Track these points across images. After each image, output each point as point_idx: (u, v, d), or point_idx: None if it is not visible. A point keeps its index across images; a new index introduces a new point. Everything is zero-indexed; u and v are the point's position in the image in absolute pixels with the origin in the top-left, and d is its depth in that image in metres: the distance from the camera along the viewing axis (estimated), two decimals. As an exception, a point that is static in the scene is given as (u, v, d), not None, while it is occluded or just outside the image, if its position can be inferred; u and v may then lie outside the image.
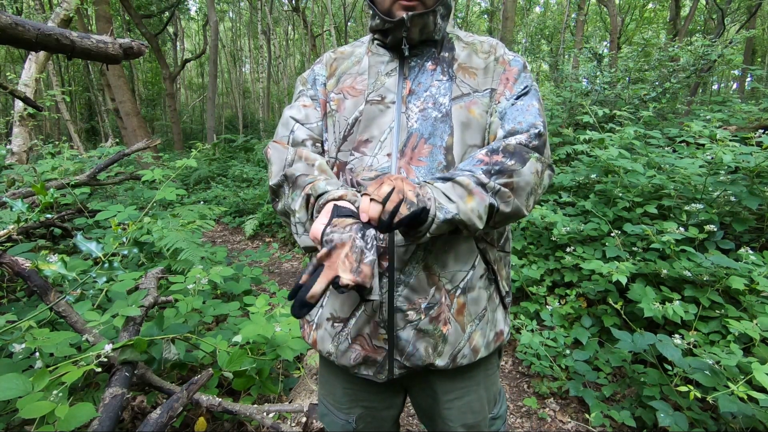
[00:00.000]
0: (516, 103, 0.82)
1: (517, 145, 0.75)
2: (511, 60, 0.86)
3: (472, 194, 0.70)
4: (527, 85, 0.84)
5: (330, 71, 0.93)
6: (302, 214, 0.78)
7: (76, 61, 11.30)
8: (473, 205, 0.70)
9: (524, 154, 0.75)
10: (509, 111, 0.81)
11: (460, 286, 0.82)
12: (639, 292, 2.01)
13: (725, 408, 1.42)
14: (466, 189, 0.70)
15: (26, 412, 0.92)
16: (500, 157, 0.74)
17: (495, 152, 0.75)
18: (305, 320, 0.94)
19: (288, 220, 0.85)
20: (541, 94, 0.82)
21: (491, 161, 0.74)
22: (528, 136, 0.77)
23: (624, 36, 16.58)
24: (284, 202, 0.84)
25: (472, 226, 0.71)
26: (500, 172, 0.73)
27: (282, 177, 0.83)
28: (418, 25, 0.82)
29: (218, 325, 2.34)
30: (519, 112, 0.80)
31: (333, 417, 0.95)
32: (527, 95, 0.83)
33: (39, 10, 6.30)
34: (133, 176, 3.74)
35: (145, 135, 8.39)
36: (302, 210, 0.77)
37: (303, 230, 0.80)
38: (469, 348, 0.84)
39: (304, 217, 0.77)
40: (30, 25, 1.22)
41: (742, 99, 5.91)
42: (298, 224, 0.81)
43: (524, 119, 0.79)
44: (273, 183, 0.84)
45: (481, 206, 0.71)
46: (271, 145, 0.89)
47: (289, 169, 0.82)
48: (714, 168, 2.42)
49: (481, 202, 0.71)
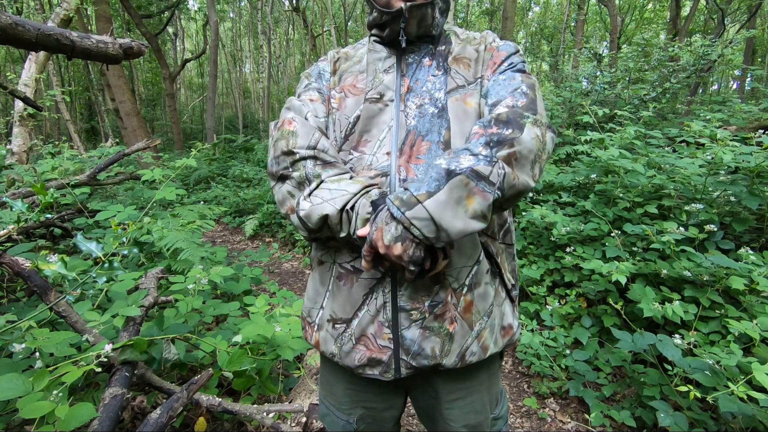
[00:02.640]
0: (497, 78, 0.81)
1: (509, 111, 0.71)
2: (500, 46, 0.86)
3: (472, 195, 0.65)
4: (512, 62, 0.83)
5: (333, 68, 0.92)
6: (354, 187, 0.75)
7: (76, 61, 11.29)
8: (475, 207, 0.65)
9: (519, 120, 0.69)
10: (492, 86, 0.81)
11: (466, 283, 0.80)
12: (639, 292, 2.01)
13: (725, 408, 1.42)
14: (466, 189, 0.65)
15: (26, 412, 0.92)
16: (495, 128, 0.68)
17: (488, 125, 0.70)
18: (306, 321, 0.93)
19: (293, 186, 0.79)
20: (540, 92, 0.81)
21: (486, 133, 0.69)
22: (512, 97, 0.75)
23: (624, 36, 16.57)
24: (306, 172, 0.78)
25: (475, 230, 0.67)
26: (499, 143, 0.67)
27: (313, 152, 0.79)
28: (416, 17, 0.81)
29: (218, 325, 2.34)
30: (501, 86, 0.79)
31: (334, 417, 0.95)
32: (509, 68, 0.82)
33: (39, 10, 6.30)
34: (133, 176, 3.74)
35: (145, 135, 8.39)
36: (356, 185, 0.76)
37: (333, 197, 0.75)
38: (478, 345, 0.83)
39: (353, 190, 0.75)
40: (30, 25, 1.22)
41: (742, 99, 5.90)
42: (324, 191, 0.76)
43: (505, 89, 0.78)
44: (301, 153, 0.78)
45: (484, 205, 0.65)
46: (293, 116, 0.83)
47: (321, 153, 0.79)
48: (714, 168, 2.41)
49: (483, 201, 0.65)
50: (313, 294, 0.92)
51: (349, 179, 0.78)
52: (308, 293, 0.94)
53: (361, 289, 0.81)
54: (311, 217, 0.75)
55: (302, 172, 0.78)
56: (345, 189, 0.75)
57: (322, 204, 0.75)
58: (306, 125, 0.82)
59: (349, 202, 0.75)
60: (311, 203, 0.76)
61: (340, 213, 0.75)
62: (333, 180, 0.78)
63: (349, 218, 0.75)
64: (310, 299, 0.92)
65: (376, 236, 0.69)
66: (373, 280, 0.80)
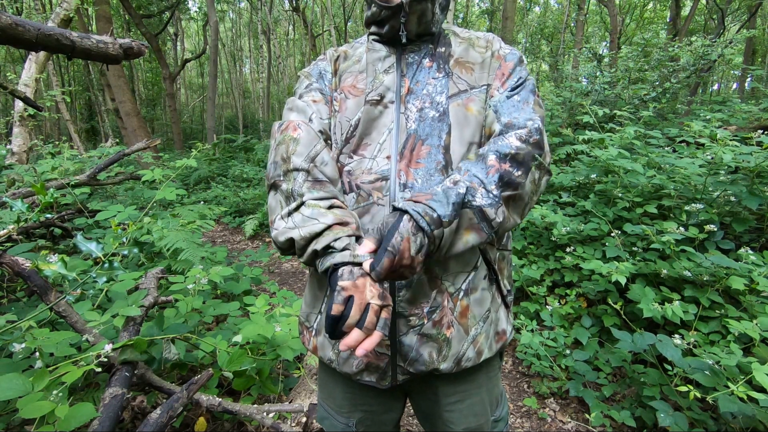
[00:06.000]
0: (512, 96, 0.81)
1: (525, 153, 0.73)
2: (507, 54, 0.85)
3: (471, 230, 0.70)
4: (521, 77, 0.83)
5: (334, 68, 0.90)
6: (327, 219, 0.73)
7: (76, 61, 11.29)
8: (468, 239, 0.71)
9: (529, 163, 0.74)
10: (505, 104, 0.80)
11: (462, 288, 0.80)
12: (639, 292, 2.01)
13: (725, 408, 1.42)
14: (468, 222, 0.70)
15: (26, 412, 0.92)
16: (508, 166, 0.72)
17: (504, 159, 0.73)
18: (305, 326, 0.93)
19: (280, 199, 0.79)
20: (540, 94, 0.81)
21: (501, 168, 0.72)
22: (528, 131, 0.75)
23: (624, 36, 16.57)
24: (293, 187, 0.77)
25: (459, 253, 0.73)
26: (507, 184, 0.72)
27: (308, 165, 0.77)
28: (416, 12, 0.79)
29: (218, 325, 2.34)
30: (515, 107, 0.79)
31: (333, 420, 0.95)
32: (522, 88, 0.82)
33: (39, 10, 6.30)
34: (133, 176, 3.74)
35: (145, 135, 8.39)
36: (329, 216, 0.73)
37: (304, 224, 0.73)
38: (474, 350, 0.83)
39: (325, 221, 0.72)
40: (30, 25, 1.22)
41: (742, 99, 5.90)
42: (300, 215, 0.74)
43: (520, 114, 0.78)
44: (296, 164, 0.77)
45: (477, 241, 0.72)
46: (299, 122, 0.82)
47: (315, 168, 0.78)
48: (714, 168, 2.42)
49: (477, 238, 0.71)
50: (311, 299, 0.91)
51: (327, 208, 0.75)
52: (306, 298, 0.94)
53: None
54: (278, 239, 0.75)
55: (290, 186, 0.77)
56: (316, 218, 0.73)
57: (294, 229, 0.74)
58: (310, 133, 0.80)
59: (317, 239, 0.72)
60: (285, 224, 0.75)
61: (305, 242, 0.72)
62: (311, 205, 0.75)
63: (317, 255, 0.72)
64: (308, 304, 0.92)
65: (403, 246, 0.66)
66: None
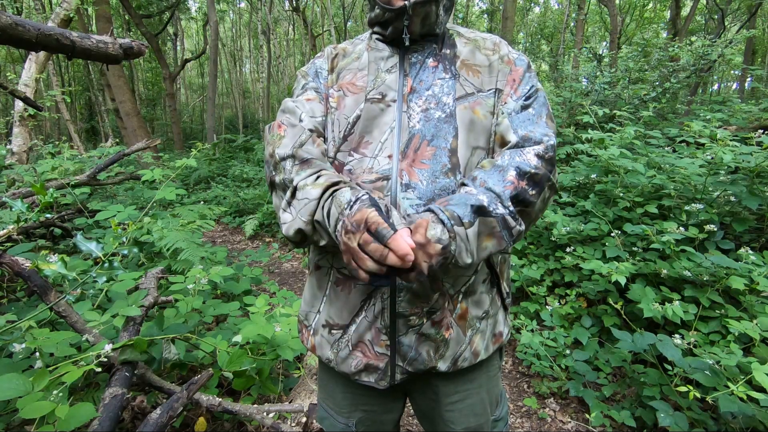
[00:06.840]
0: (527, 108, 0.81)
1: (542, 173, 0.75)
2: (516, 59, 0.84)
3: (492, 236, 0.71)
4: (533, 85, 0.83)
5: (331, 66, 0.89)
6: (315, 191, 0.73)
7: (77, 61, 11.30)
8: (488, 245, 0.71)
9: (544, 183, 0.75)
10: (520, 116, 0.79)
11: (461, 290, 0.80)
12: (639, 292, 2.01)
13: (725, 408, 1.42)
14: (490, 229, 0.70)
15: (26, 412, 0.92)
16: (524, 184, 0.73)
17: (522, 177, 0.73)
18: (303, 325, 0.93)
19: (279, 194, 0.80)
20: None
21: (519, 186, 0.73)
22: (545, 147, 0.76)
23: (624, 36, 16.57)
24: (284, 177, 0.78)
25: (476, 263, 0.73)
26: (521, 202, 0.73)
27: (292, 150, 0.78)
28: (420, 15, 0.78)
29: (218, 325, 2.34)
30: (529, 120, 0.79)
31: (333, 420, 0.95)
32: (535, 101, 0.82)
33: (39, 10, 6.31)
34: (133, 176, 3.74)
35: (145, 135, 8.39)
36: (317, 188, 0.73)
37: (300, 207, 0.74)
38: (470, 351, 0.83)
39: (314, 195, 0.73)
40: (30, 25, 1.22)
41: (742, 99, 5.91)
42: (296, 201, 0.75)
43: (536, 129, 0.78)
44: (281, 153, 0.78)
45: (496, 248, 0.72)
46: (284, 120, 0.83)
47: (299, 150, 0.78)
48: (714, 168, 2.42)
49: (497, 246, 0.72)
50: (310, 298, 0.91)
51: (315, 180, 0.74)
52: (305, 297, 0.94)
53: (358, 295, 0.80)
54: (289, 233, 0.76)
55: (281, 177, 0.78)
56: (307, 197, 0.73)
57: (294, 220, 0.74)
58: (295, 128, 0.81)
59: (315, 212, 0.72)
60: (291, 215, 0.76)
61: (311, 225, 0.73)
62: (301, 186, 0.75)
63: (324, 228, 0.72)
64: (307, 303, 0.92)
65: (419, 222, 0.65)
66: (371, 286, 0.79)
